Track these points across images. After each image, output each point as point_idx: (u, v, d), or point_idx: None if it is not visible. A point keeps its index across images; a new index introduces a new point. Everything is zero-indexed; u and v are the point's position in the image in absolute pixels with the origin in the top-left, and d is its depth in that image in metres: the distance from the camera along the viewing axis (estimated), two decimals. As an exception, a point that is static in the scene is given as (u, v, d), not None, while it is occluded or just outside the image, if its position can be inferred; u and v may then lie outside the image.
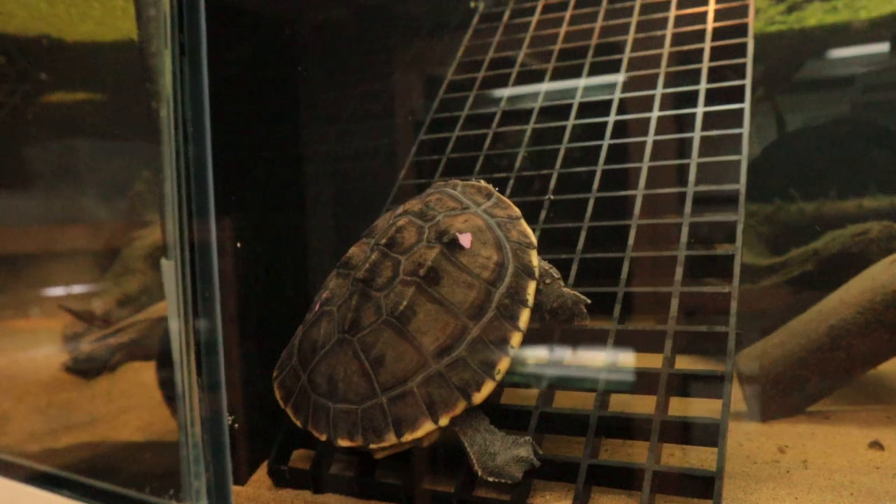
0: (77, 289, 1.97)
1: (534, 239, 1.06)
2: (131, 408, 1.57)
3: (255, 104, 1.35)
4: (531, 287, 1.01)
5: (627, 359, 1.02)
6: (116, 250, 2.05)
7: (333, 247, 1.46)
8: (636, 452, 1.10)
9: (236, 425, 1.19)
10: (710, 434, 0.90)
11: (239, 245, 1.24)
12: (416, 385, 0.93)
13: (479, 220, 1.06)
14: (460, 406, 0.91)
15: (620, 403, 1.02)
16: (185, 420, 1.01)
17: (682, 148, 1.27)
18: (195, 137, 1.05)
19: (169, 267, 1.07)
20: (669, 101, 1.33)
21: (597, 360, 1.03)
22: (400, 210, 1.11)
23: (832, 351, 1.25)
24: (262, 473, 1.17)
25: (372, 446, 0.92)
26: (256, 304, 1.27)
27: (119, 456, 1.47)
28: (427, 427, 0.90)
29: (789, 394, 1.27)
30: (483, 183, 1.15)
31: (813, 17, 2.17)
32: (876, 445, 1.13)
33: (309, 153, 1.48)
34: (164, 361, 1.40)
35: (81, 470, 1.40)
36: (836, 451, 1.12)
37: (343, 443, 0.94)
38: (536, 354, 1.06)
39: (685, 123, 1.28)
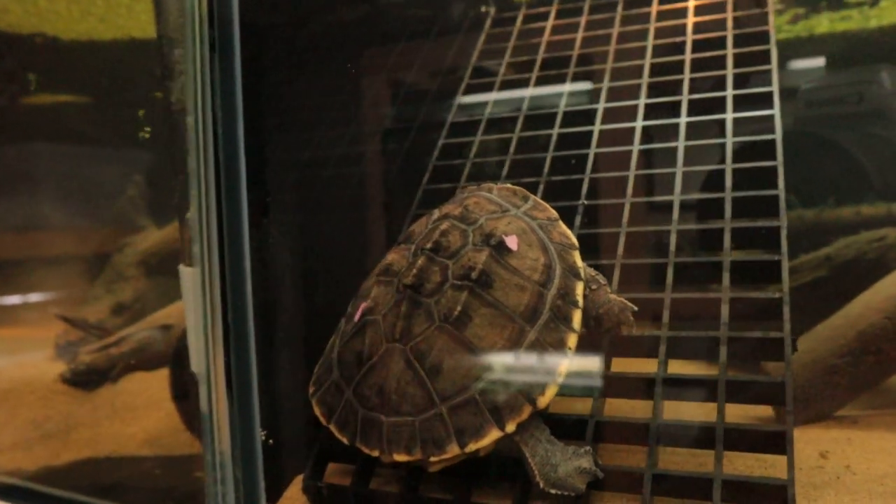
0: (67, 296, 1.89)
1: (575, 240, 1.05)
2: (136, 421, 1.50)
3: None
4: (580, 288, 0.99)
5: (680, 366, 1.01)
6: (107, 257, 1.97)
7: (360, 252, 1.42)
8: (691, 461, 1.08)
9: (270, 441, 1.14)
10: (776, 441, 0.89)
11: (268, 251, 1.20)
12: (479, 392, 0.90)
13: (521, 222, 1.04)
14: (526, 411, 0.89)
15: (673, 411, 1.00)
16: (212, 437, 0.96)
17: (712, 153, 1.27)
18: (227, 138, 1.00)
19: (190, 274, 1.02)
20: (697, 107, 1.32)
21: (648, 367, 1.02)
22: (438, 214, 1.08)
23: (862, 356, 1.26)
24: (294, 490, 1.13)
25: (433, 459, 0.89)
26: (283, 312, 1.23)
27: (126, 473, 1.41)
28: (493, 435, 0.87)
29: (819, 399, 1.28)
30: (517, 187, 1.13)
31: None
32: (911, 450, 1.14)
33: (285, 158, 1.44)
34: (181, 372, 1.35)
35: (85, 489, 1.33)
36: (876, 455, 1.12)
37: (400, 458, 0.90)
38: (587, 362, 1.04)
39: (714, 129, 1.28)
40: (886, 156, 1.95)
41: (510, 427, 0.88)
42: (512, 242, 1.00)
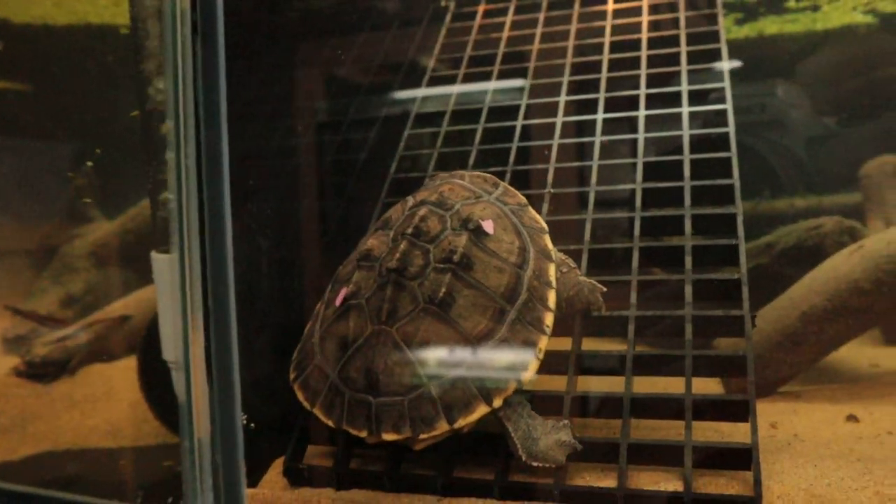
0: (11, 289, 1.84)
1: (544, 225, 1.10)
2: (97, 412, 1.48)
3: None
4: (552, 269, 1.04)
5: (644, 344, 1.07)
6: (55, 248, 1.92)
7: (331, 240, 1.44)
8: (663, 431, 1.13)
9: (252, 425, 1.15)
10: (740, 410, 0.96)
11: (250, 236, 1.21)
12: (465, 370, 0.93)
13: (495, 207, 1.09)
14: (511, 387, 0.93)
15: (642, 386, 1.06)
16: (190, 424, 0.97)
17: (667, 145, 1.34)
18: (209, 123, 1.00)
19: (166, 260, 1.02)
20: (654, 102, 1.39)
21: (618, 346, 1.07)
22: (414, 201, 1.11)
23: (804, 335, 1.35)
24: (274, 473, 1.14)
25: (422, 436, 0.92)
26: (261, 298, 1.24)
27: (89, 465, 1.39)
28: (481, 410, 0.91)
29: (766, 375, 1.37)
30: (487, 174, 1.17)
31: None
32: (852, 418, 1.23)
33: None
34: (150, 361, 1.33)
35: (47, 484, 1.31)
36: (819, 425, 1.21)
37: (388, 437, 0.93)
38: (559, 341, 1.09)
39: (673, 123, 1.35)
40: (788, 160, 2.12)
41: (497, 402, 0.93)
42: (489, 226, 1.04)
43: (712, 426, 1.12)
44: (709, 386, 1.34)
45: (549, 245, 1.07)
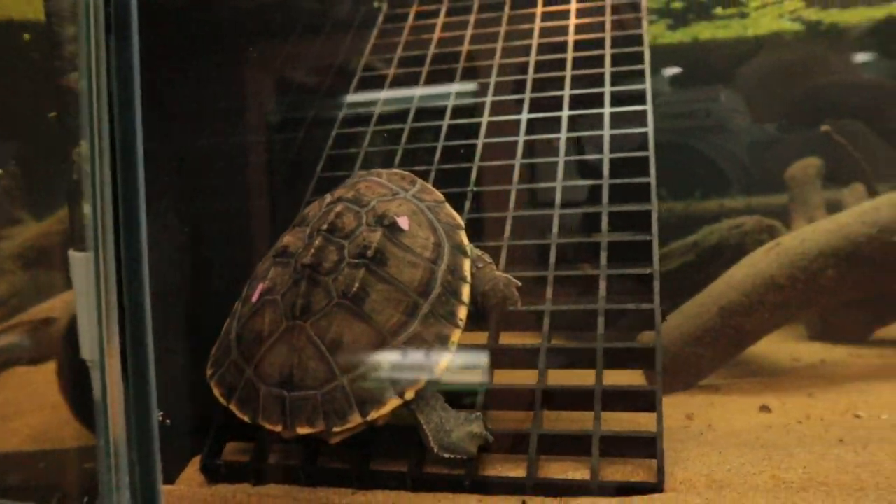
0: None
1: (461, 221, 1.12)
2: (18, 415, 1.45)
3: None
4: (467, 264, 1.06)
5: (562, 338, 1.09)
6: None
7: (253, 237, 1.43)
8: (579, 423, 1.15)
9: (168, 422, 1.14)
10: (648, 400, 0.98)
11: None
12: (377, 364, 0.94)
13: (411, 204, 1.10)
14: (423, 380, 0.94)
15: (560, 378, 1.08)
16: (105, 423, 0.96)
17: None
18: (123, 120, 1.00)
19: (82, 259, 1.01)
20: (579, 103, 1.42)
21: (534, 339, 1.09)
22: (331, 198, 1.12)
23: (722, 329, 1.39)
24: (191, 471, 1.13)
25: (336, 429, 0.93)
26: (181, 296, 1.23)
27: (8, 469, 1.36)
28: (393, 403, 0.92)
29: (686, 370, 1.40)
30: (405, 172, 1.19)
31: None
32: (765, 409, 1.27)
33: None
34: (70, 362, 1.31)
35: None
36: (733, 415, 1.25)
37: (303, 430, 0.93)
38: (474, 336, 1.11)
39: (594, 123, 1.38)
40: (733, 163, 2.19)
41: (409, 395, 0.94)
42: (403, 223, 1.05)
43: (629, 417, 1.14)
44: (634, 378, 1.37)
45: (465, 241, 1.09)
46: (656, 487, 0.91)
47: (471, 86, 1.54)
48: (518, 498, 0.94)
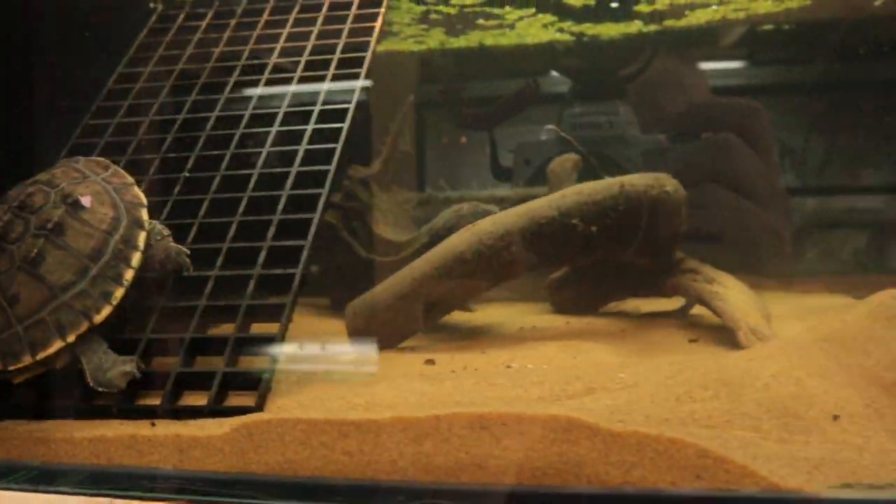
0: None
1: (144, 200, 1.35)
2: None
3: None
4: (142, 236, 1.29)
5: (222, 297, 1.33)
6: None
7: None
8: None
9: None
10: (265, 345, 1.23)
11: None
12: (47, 314, 1.17)
13: (97, 185, 1.32)
14: (84, 325, 1.18)
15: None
16: None
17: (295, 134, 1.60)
18: None
19: None
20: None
21: (199, 299, 1.32)
22: (30, 181, 1.33)
23: (413, 294, 1.64)
24: None
25: (11, 368, 1.16)
26: None
27: None
28: (57, 344, 1.16)
29: (384, 332, 1.65)
30: (102, 159, 1.41)
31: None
32: (430, 362, 1.53)
33: None
34: None
35: None
36: (399, 367, 1.49)
37: (-15, 369, 1.15)
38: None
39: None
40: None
41: (70, 338, 1.17)
42: (86, 201, 1.27)
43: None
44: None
45: (145, 217, 1.32)
46: (256, 409, 1.15)
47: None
48: (149, 421, 1.16)
